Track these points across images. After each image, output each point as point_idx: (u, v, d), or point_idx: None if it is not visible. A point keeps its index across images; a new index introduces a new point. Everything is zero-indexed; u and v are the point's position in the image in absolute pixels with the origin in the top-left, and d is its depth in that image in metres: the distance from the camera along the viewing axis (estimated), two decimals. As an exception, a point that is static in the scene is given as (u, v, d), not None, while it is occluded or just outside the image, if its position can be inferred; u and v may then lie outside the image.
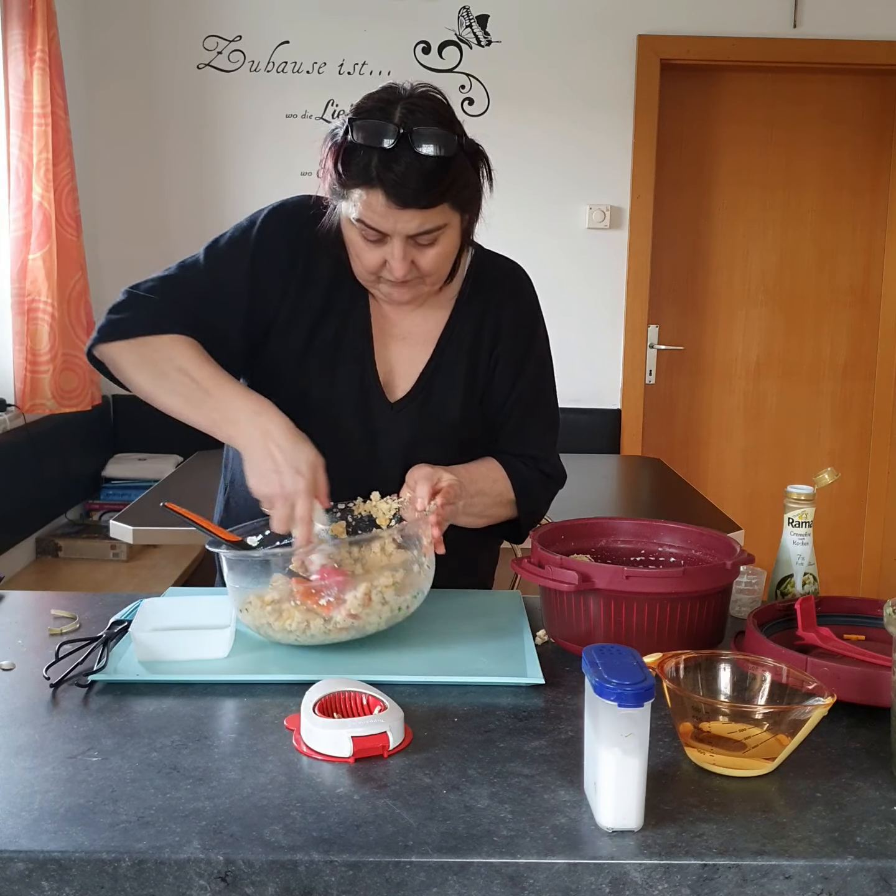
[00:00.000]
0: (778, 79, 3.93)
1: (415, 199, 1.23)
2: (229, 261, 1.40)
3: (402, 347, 1.45)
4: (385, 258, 1.30)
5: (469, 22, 3.76)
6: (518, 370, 1.47)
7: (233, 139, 3.81)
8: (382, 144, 1.20)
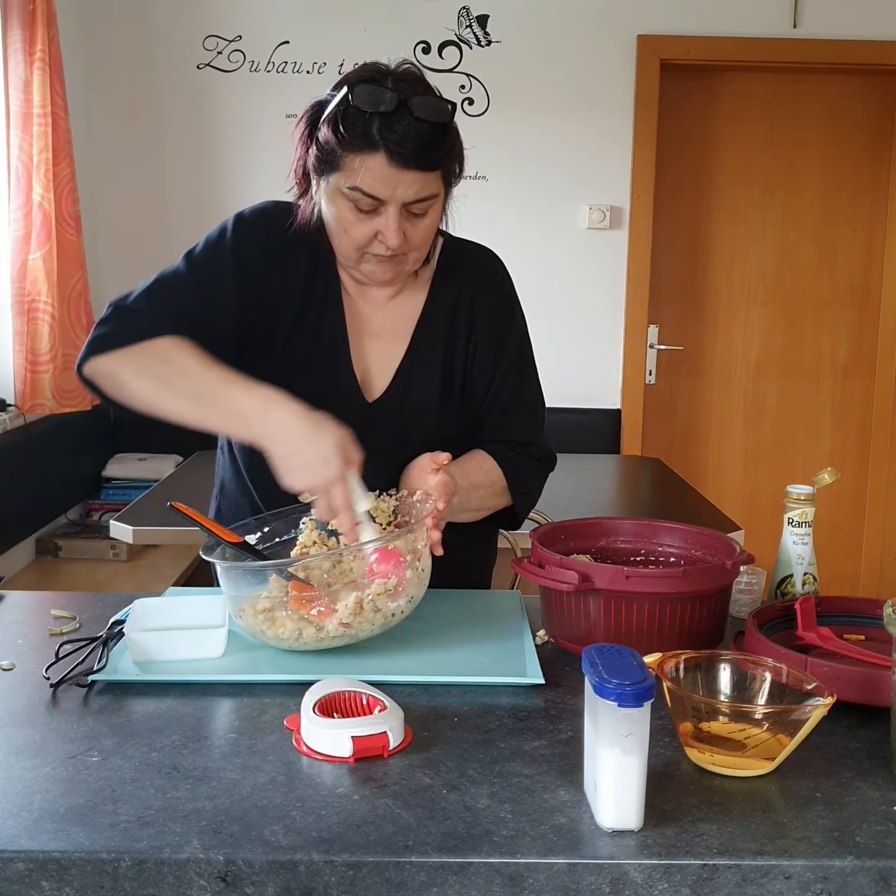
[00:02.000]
0: (778, 79, 3.93)
1: (416, 161, 1.24)
2: (211, 263, 1.39)
3: (377, 344, 1.44)
4: (376, 230, 1.30)
5: (469, 22, 3.76)
6: (498, 357, 1.46)
7: (233, 139, 3.81)
8: (382, 109, 1.22)
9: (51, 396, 3.20)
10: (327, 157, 1.28)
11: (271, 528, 1.36)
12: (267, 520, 1.36)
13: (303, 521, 1.34)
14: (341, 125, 1.25)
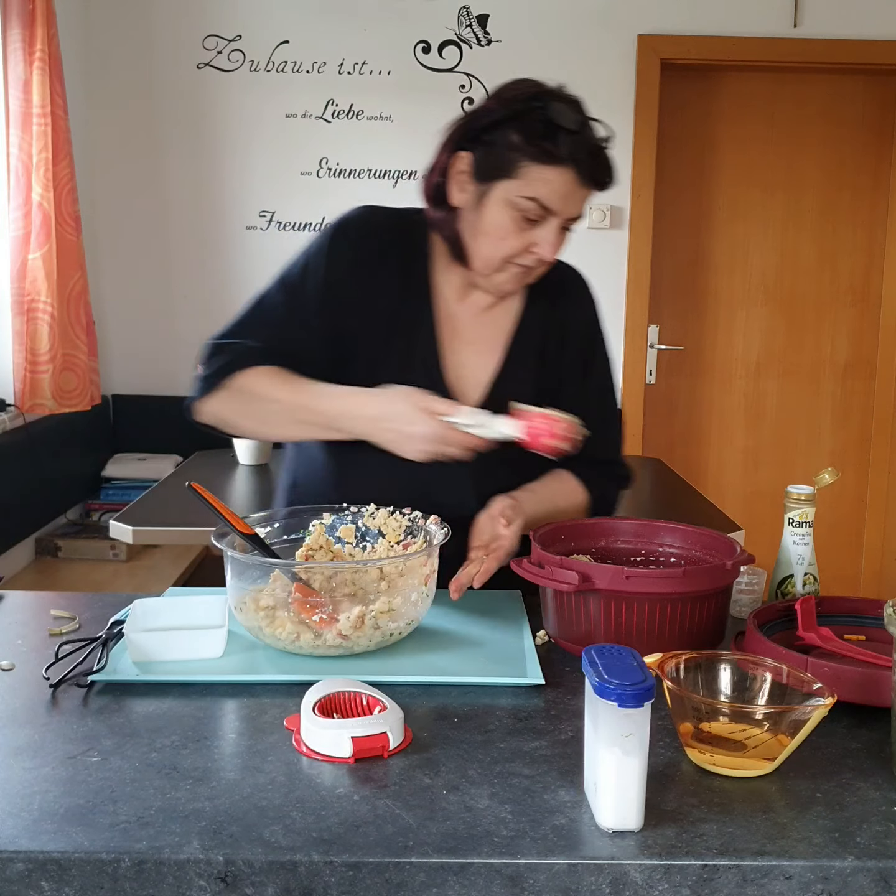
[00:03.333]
0: (778, 79, 3.93)
1: (598, 181, 1.30)
2: (303, 287, 1.41)
3: (470, 353, 1.46)
4: (531, 242, 1.33)
5: (469, 22, 3.76)
6: (585, 376, 1.50)
7: (233, 139, 3.81)
8: (573, 127, 1.27)
9: (50, 396, 3.20)
10: (499, 164, 1.30)
11: (282, 524, 1.36)
12: (280, 515, 1.37)
13: (313, 523, 1.34)
14: (532, 135, 1.28)
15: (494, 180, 1.31)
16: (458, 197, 1.37)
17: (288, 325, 1.40)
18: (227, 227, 3.84)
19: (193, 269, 3.88)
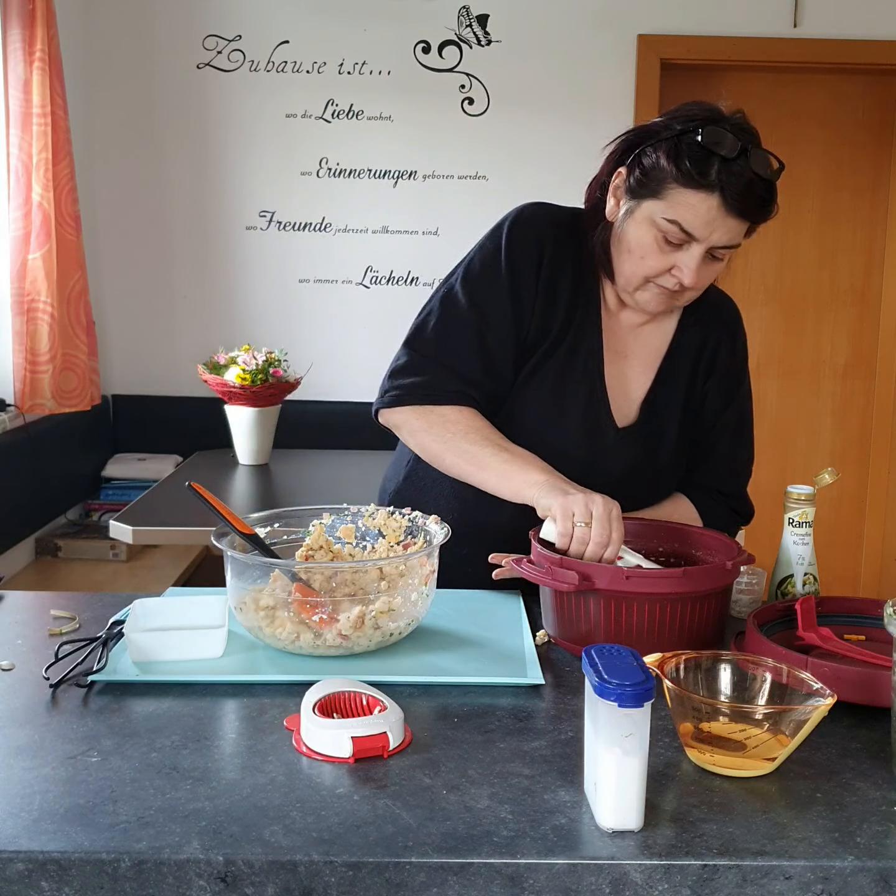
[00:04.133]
0: (778, 79, 3.93)
1: (746, 211, 1.28)
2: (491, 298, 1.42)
3: (626, 367, 1.48)
4: (673, 264, 1.33)
5: (469, 22, 3.76)
6: (724, 406, 1.53)
7: (233, 139, 3.80)
8: (725, 153, 1.25)
9: (50, 396, 3.20)
10: (650, 183, 1.31)
11: (283, 524, 1.36)
12: (280, 516, 1.37)
13: (313, 523, 1.34)
14: (682, 157, 1.27)
15: (643, 199, 1.32)
16: (612, 211, 1.38)
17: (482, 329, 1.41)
18: (227, 227, 3.83)
19: (193, 269, 3.88)
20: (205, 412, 3.54)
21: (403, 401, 1.42)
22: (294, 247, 3.86)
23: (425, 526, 1.31)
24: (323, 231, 3.86)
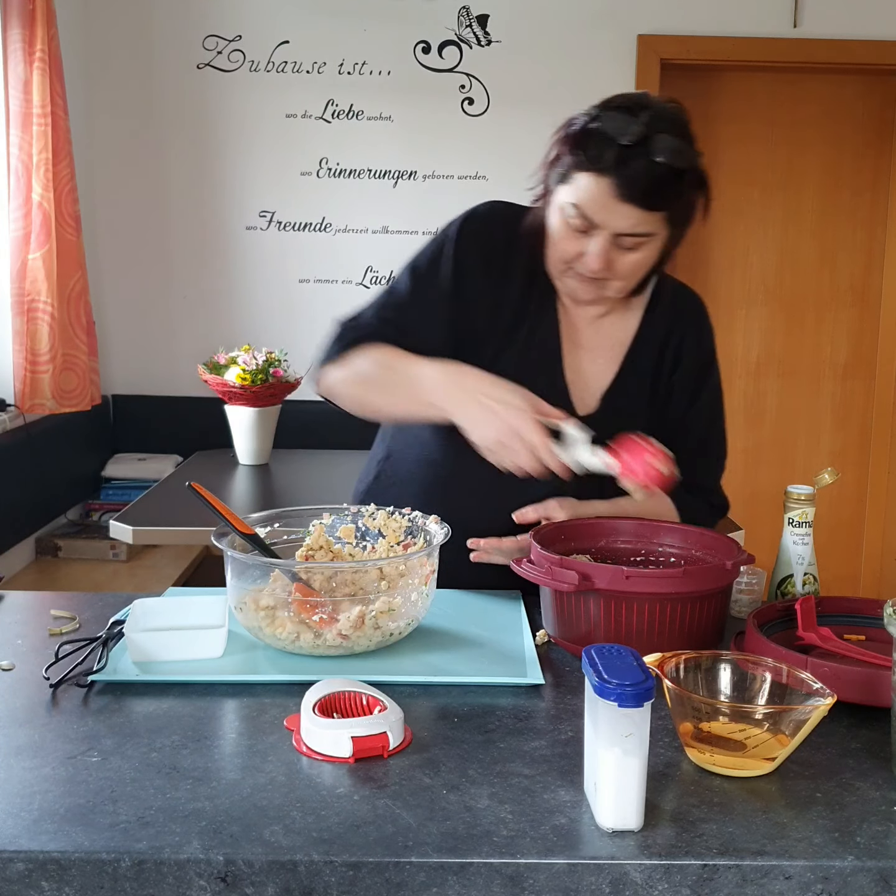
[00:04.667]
0: (778, 79, 3.93)
1: (639, 197, 1.27)
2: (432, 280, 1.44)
3: (587, 359, 1.48)
4: (583, 250, 1.33)
5: (469, 22, 3.76)
6: (693, 399, 1.51)
7: (233, 139, 3.80)
8: (623, 140, 1.25)
9: (50, 396, 3.20)
10: (562, 170, 1.32)
11: (283, 524, 1.36)
12: (280, 516, 1.37)
13: (313, 523, 1.34)
14: (582, 144, 1.28)
15: (558, 185, 1.34)
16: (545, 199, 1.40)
17: (413, 309, 1.43)
18: (227, 227, 3.83)
19: (193, 270, 3.88)
20: (205, 412, 3.54)
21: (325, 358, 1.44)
22: (294, 247, 3.86)
23: (425, 526, 1.31)
24: (323, 231, 3.86)
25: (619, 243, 1.32)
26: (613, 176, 1.26)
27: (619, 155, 1.25)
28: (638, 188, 1.26)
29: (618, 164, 1.26)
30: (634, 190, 1.26)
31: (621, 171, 1.26)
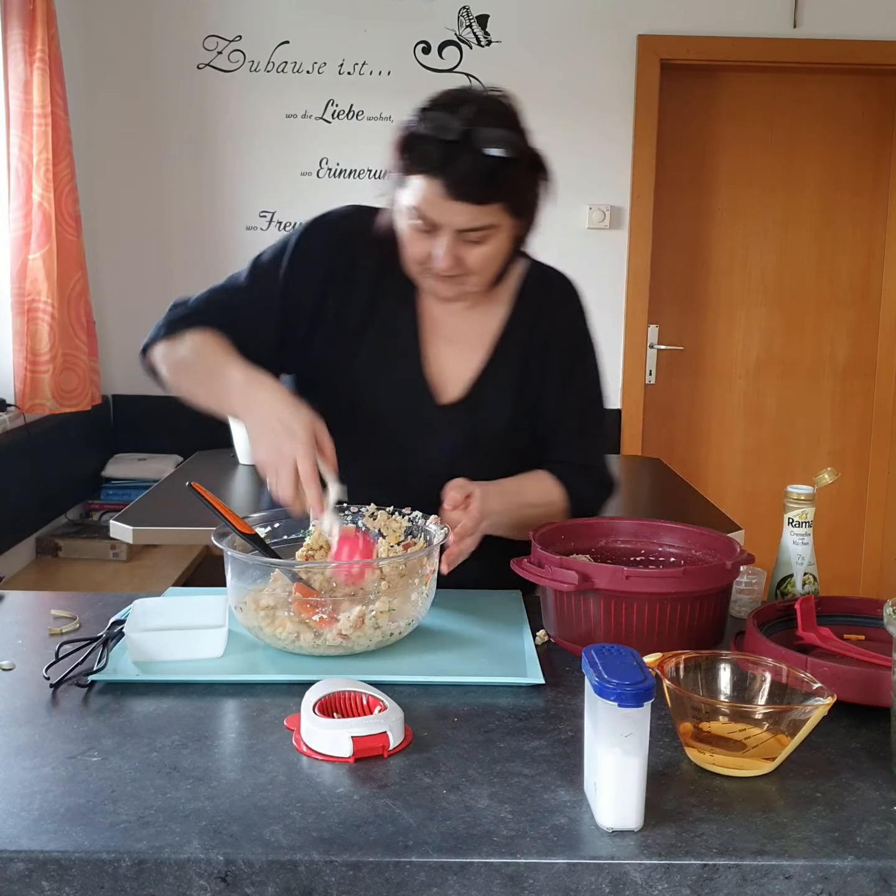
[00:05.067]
0: (778, 79, 3.93)
1: (469, 193, 1.26)
2: (269, 277, 1.46)
3: (451, 350, 1.47)
4: (431, 251, 1.33)
5: (469, 22, 3.76)
6: (568, 379, 1.49)
7: (233, 139, 3.80)
8: (447, 137, 1.24)
9: (51, 396, 3.20)
10: (398, 175, 1.32)
11: (283, 523, 1.36)
12: (280, 515, 1.37)
13: (313, 522, 1.34)
14: (409, 148, 1.28)
15: (398, 189, 1.33)
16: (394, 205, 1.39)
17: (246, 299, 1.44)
18: (227, 228, 3.83)
19: (193, 270, 3.87)
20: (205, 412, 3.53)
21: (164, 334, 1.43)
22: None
23: (425, 526, 1.31)
24: (323, 231, 3.85)
25: (464, 238, 1.31)
26: (442, 175, 1.25)
27: (445, 153, 1.24)
28: (467, 184, 1.25)
29: (444, 162, 1.24)
30: (464, 186, 1.25)
31: (449, 170, 1.25)
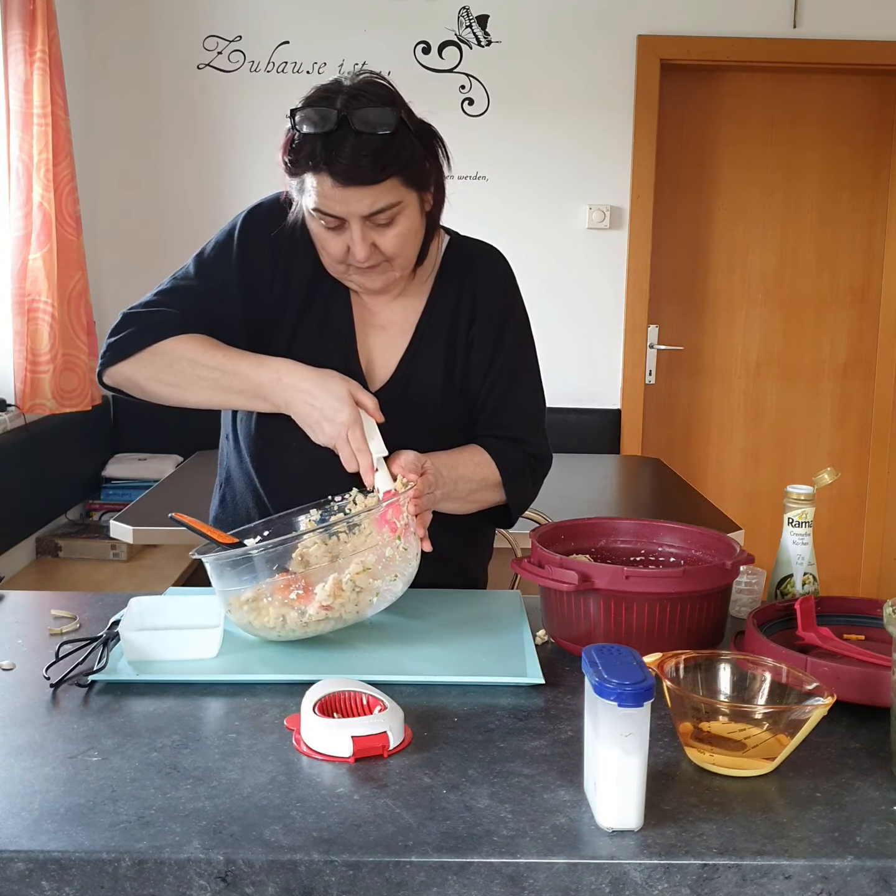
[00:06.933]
0: (778, 79, 3.93)
1: (357, 176, 1.25)
2: (218, 263, 1.43)
3: (382, 336, 1.47)
4: (347, 244, 1.32)
5: (469, 22, 3.76)
6: (494, 352, 1.47)
7: (233, 139, 3.80)
8: (324, 129, 1.25)
9: (51, 396, 3.20)
10: (292, 181, 1.31)
11: (273, 530, 1.35)
12: (271, 522, 1.36)
13: (303, 522, 1.34)
14: (290, 151, 1.28)
15: (299, 196, 1.32)
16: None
17: (206, 295, 1.42)
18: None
19: (193, 270, 3.88)
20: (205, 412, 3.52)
21: (125, 353, 1.37)
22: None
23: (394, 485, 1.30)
24: (323, 231, 3.85)
25: (374, 223, 1.30)
26: (327, 167, 1.25)
27: (325, 145, 1.24)
28: (354, 168, 1.24)
29: (328, 153, 1.24)
30: (351, 171, 1.24)
31: (333, 159, 1.24)
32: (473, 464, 1.43)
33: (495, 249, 1.53)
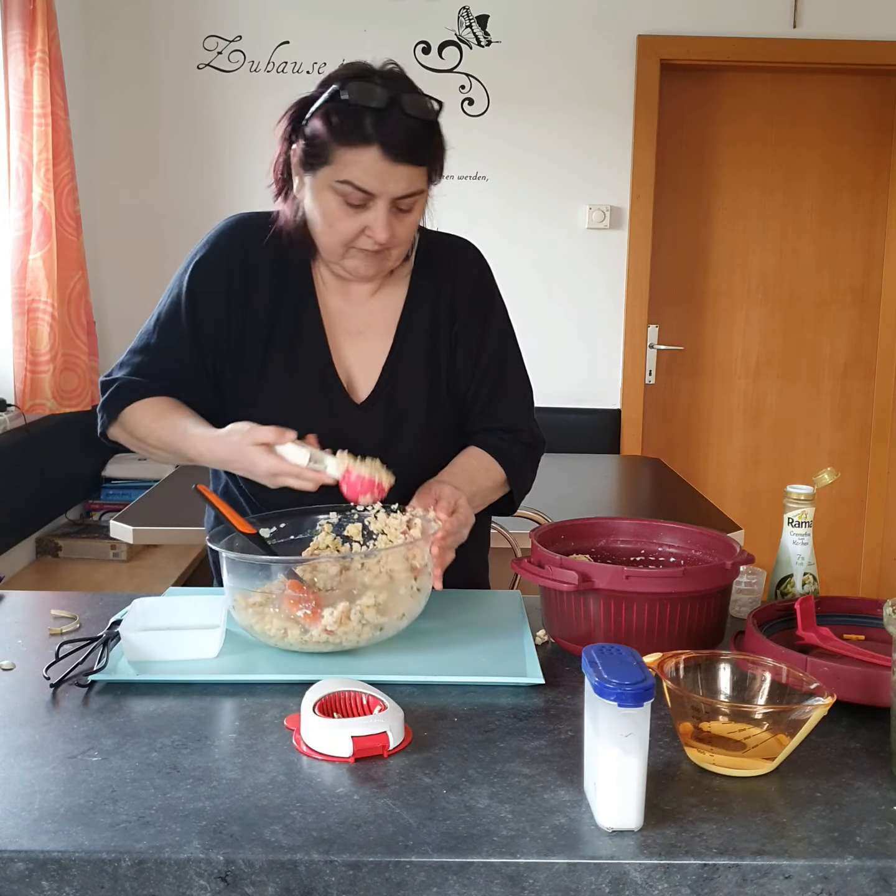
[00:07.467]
0: (778, 79, 3.93)
1: (408, 155, 1.27)
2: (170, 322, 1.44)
3: (359, 343, 1.45)
4: (364, 225, 1.31)
5: (469, 22, 3.76)
6: (478, 347, 1.47)
7: (232, 139, 3.80)
8: (374, 104, 1.25)
9: (51, 396, 3.20)
10: (317, 152, 1.30)
11: (288, 524, 1.35)
12: (286, 515, 1.36)
13: (320, 523, 1.34)
14: (334, 119, 1.27)
15: (317, 168, 1.31)
16: (299, 188, 1.36)
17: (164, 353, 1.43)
18: (227, 228, 3.83)
19: (193, 270, 3.88)
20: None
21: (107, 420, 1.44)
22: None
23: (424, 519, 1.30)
24: (323, 231, 3.86)
25: (397, 207, 1.30)
26: (378, 141, 1.25)
27: (377, 120, 1.25)
28: (404, 146, 1.26)
29: (378, 128, 1.25)
30: (402, 149, 1.26)
31: (384, 135, 1.25)
32: (484, 470, 1.44)
33: (469, 242, 1.53)
